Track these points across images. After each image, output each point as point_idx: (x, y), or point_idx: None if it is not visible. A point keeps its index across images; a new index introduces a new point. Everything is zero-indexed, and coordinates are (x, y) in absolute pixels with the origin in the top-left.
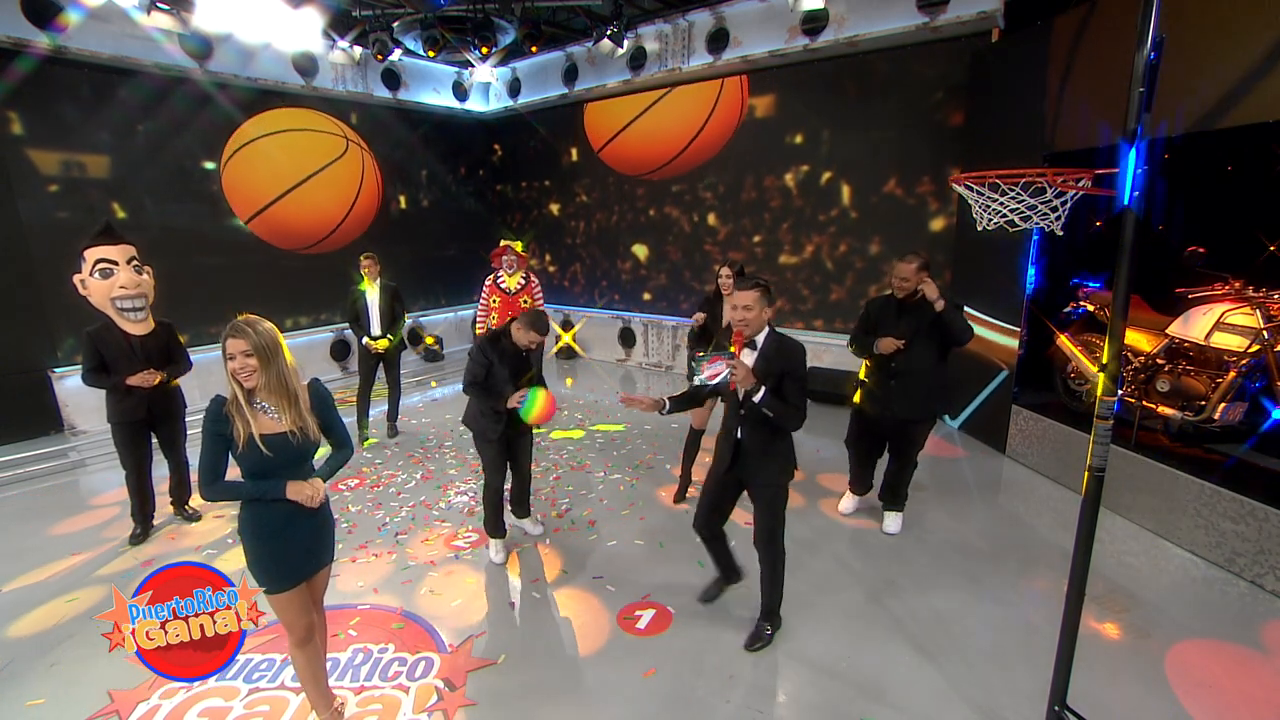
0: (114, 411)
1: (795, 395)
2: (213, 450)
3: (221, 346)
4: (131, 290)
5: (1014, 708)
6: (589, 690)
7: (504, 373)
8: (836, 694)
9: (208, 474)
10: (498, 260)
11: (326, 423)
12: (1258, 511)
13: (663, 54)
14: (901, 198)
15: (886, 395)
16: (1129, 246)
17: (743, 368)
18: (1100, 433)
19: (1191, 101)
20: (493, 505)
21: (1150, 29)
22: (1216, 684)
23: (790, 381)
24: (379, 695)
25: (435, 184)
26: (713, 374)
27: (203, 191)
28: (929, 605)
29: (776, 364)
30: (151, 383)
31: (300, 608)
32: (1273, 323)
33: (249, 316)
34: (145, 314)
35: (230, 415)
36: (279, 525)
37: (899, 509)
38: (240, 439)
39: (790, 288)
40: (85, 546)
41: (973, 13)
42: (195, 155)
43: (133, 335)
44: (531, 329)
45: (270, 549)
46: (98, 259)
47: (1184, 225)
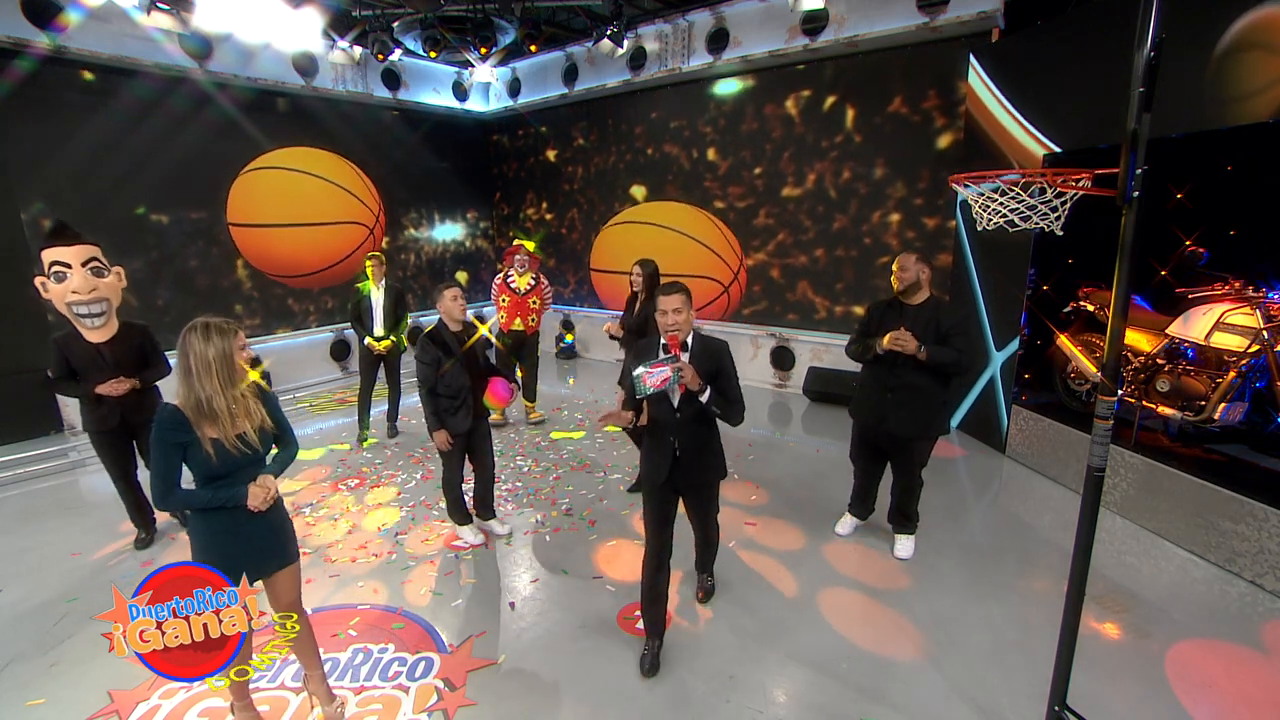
0: (88, 420)
1: (733, 389)
2: (167, 459)
3: (224, 348)
4: (85, 295)
5: (1014, 708)
6: (590, 690)
7: (457, 366)
8: (836, 694)
9: (162, 484)
10: (510, 259)
11: (274, 418)
12: (1257, 511)
13: (663, 54)
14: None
15: (882, 408)
16: (1128, 246)
17: (689, 369)
18: (1100, 432)
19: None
20: (452, 497)
21: (1150, 29)
22: (1216, 684)
23: (724, 378)
24: (379, 695)
25: (436, 182)
26: (659, 380)
27: (203, 193)
28: (928, 605)
29: (707, 363)
30: (120, 391)
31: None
32: (1272, 323)
33: (219, 319)
34: (105, 319)
35: (191, 422)
36: (232, 524)
37: (910, 532)
38: (205, 443)
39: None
40: (85, 547)
41: (972, 13)
42: (196, 155)
43: (94, 342)
44: (445, 291)
45: (220, 548)
46: (51, 261)
47: (1184, 224)
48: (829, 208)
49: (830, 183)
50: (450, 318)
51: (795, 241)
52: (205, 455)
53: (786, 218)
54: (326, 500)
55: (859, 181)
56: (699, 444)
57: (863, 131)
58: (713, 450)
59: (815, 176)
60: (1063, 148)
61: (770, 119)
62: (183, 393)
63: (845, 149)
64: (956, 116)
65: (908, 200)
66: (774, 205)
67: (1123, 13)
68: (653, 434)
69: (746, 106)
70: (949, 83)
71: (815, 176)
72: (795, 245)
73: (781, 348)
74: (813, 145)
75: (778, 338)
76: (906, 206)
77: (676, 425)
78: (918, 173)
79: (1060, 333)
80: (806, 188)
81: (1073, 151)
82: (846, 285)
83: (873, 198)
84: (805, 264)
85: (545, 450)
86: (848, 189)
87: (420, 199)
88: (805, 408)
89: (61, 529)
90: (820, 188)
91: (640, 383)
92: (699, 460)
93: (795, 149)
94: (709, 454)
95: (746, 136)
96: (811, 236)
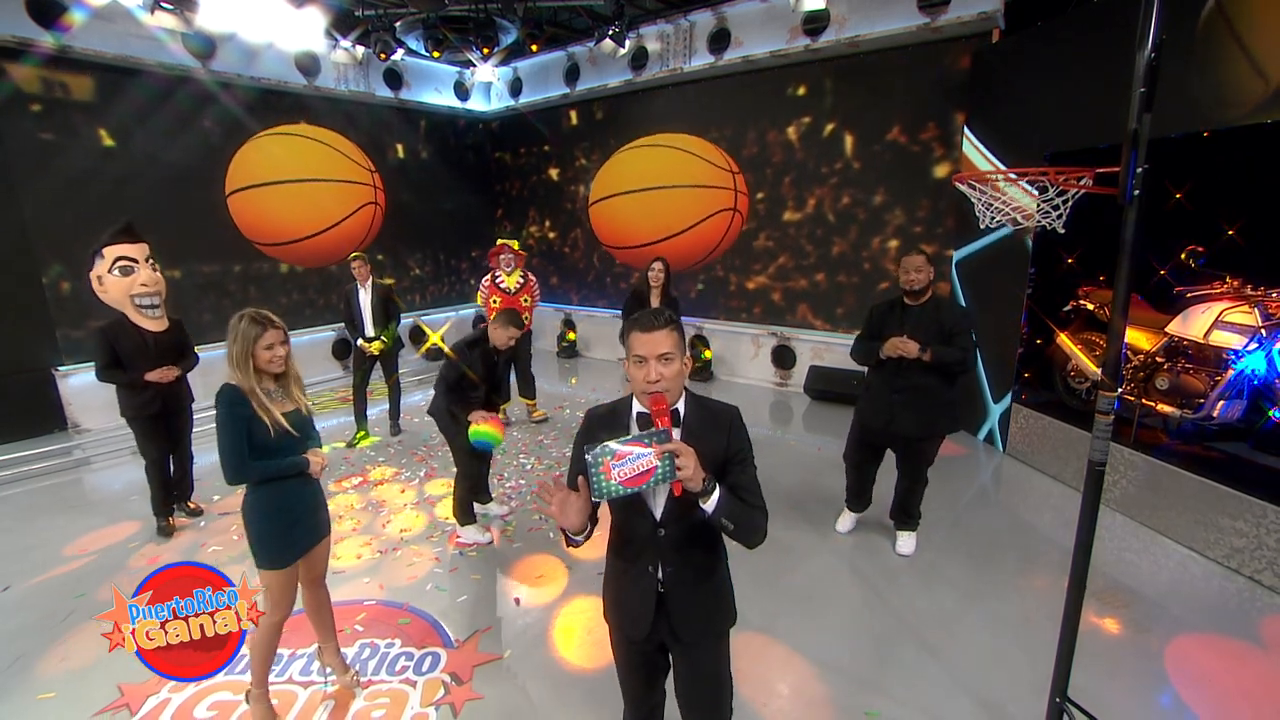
0: (128, 407)
1: (752, 489)
2: (236, 434)
3: (247, 338)
4: (151, 288)
5: (1016, 701)
6: (595, 684)
7: (480, 371)
8: (840, 688)
9: (236, 458)
10: (495, 260)
11: None
12: (1255, 508)
13: (664, 54)
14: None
15: (890, 410)
16: (1129, 245)
17: (691, 456)
18: (1100, 427)
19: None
20: (465, 497)
21: (1151, 30)
22: (1215, 678)
23: (741, 468)
24: (386, 689)
25: (435, 182)
26: (634, 476)
27: (206, 193)
28: (931, 601)
29: (713, 444)
30: (170, 377)
31: (294, 584)
32: (1271, 321)
33: (261, 311)
34: (162, 310)
35: (248, 401)
36: (287, 502)
37: (912, 529)
38: (268, 423)
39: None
40: (90, 544)
41: (973, 13)
42: (199, 155)
43: (149, 331)
44: (510, 325)
45: (280, 527)
46: (118, 256)
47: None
48: (828, 231)
49: (829, 208)
50: (495, 342)
51: (796, 265)
52: (260, 430)
53: (787, 241)
54: (330, 498)
55: (858, 207)
56: (694, 577)
57: (862, 158)
58: (717, 581)
59: (815, 201)
60: (1062, 148)
61: (772, 145)
62: (229, 373)
63: (845, 175)
64: (953, 147)
65: (906, 228)
66: (774, 229)
67: (1122, 13)
68: (622, 557)
69: (748, 132)
70: (947, 116)
71: (815, 201)
72: (796, 269)
73: (782, 347)
74: (813, 171)
75: (779, 336)
76: (905, 234)
77: (662, 546)
78: (916, 200)
79: (1060, 331)
80: (806, 212)
81: (1073, 151)
82: (847, 310)
83: (871, 224)
84: (805, 287)
85: (548, 448)
86: (846, 214)
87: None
88: (806, 406)
89: (66, 526)
90: (820, 212)
91: (601, 477)
92: (697, 600)
93: (796, 174)
94: (712, 589)
95: (748, 160)
96: (812, 261)
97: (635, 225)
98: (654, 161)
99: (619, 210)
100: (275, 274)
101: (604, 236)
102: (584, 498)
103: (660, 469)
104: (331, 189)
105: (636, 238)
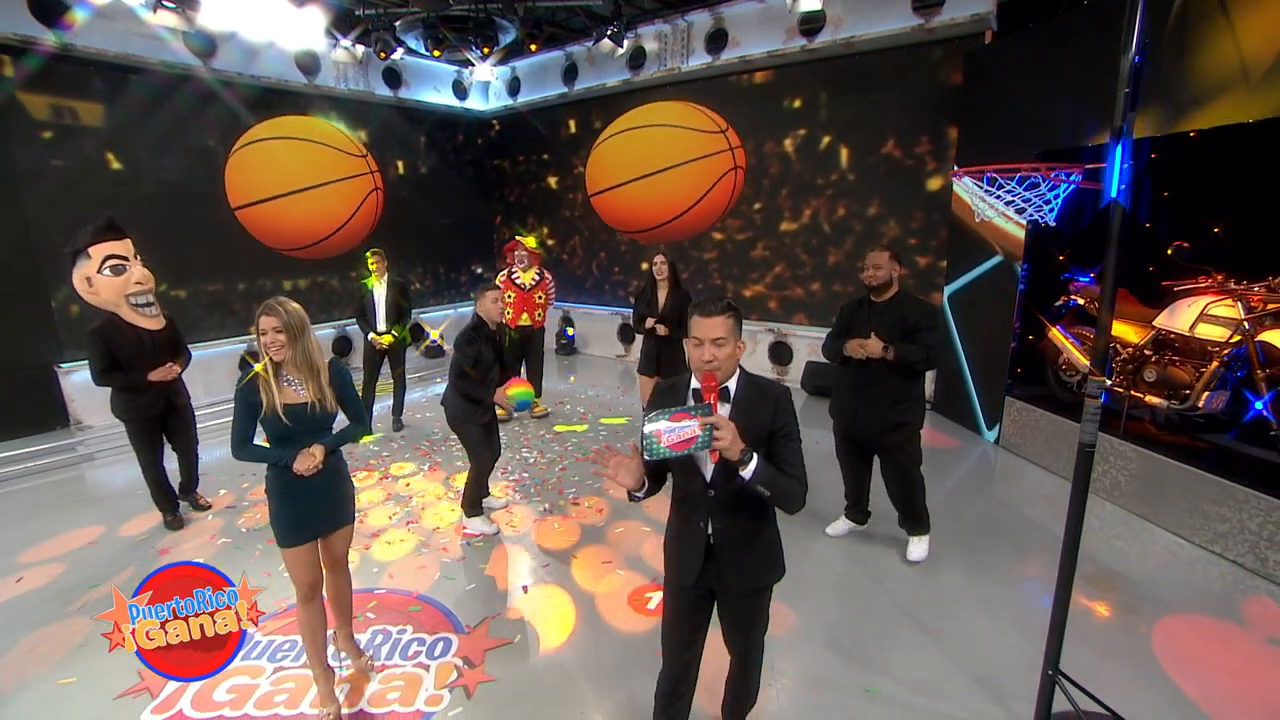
0: (127, 409)
1: (794, 461)
2: (239, 414)
3: (255, 323)
4: (146, 285)
5: (1010, 678)
6: (603, 667)
7: (489, 356)
8: (840, 668)
9: (236, 437)
10: (510, 255)
11: (342, 398)
12: (1238, 494)
13: (662, 54)
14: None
15: (855, 407)
16: (1116, 239)
17: (729, 429)
18: (1090, 411)
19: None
20: (476, 491)
21: (1135, 33)
22: (1200, 657)
23: (784, 442)
24: (400, 673)
25: (435, 182)
26: (680, 440)
27: (207, 190)
28: (928, 587)
29: (758, 418)
30: (172, 375)
31: (306, 565)
32: (1253, 314)
33: (280, 298)
34: (158, 308)
35: (258, 385)
36: (298, 485)
37: (922, 533)
38: (265, 407)
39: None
40: (99, 538)
41: (966, 15)
42: (200, 154)
43: (147, 330)
44: (489, 291)
45: (285, 508)
46: (107, 255)
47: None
48: (823, 241)
49: (825, 218)
50: (489, 318)
51: (793, 275)
52: (268, 417)
53: (784, 251)
54: None
55: (853, 218)
56: (741, 534)
57: (857, 171)
58: (760, 545)
59: (811, 212)
60: (1053, 146)
61: (769, 157)
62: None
63: (840, 187)
64: (947, 161)
65: (901, 239)
66: (771, 239)
67: (1112, 15)
68: (679, 513)
69: (745, 143)
70: (940, 130)
71: (811, 212)
72: (793, 278)
73: (779, 342)
74: (809, 182)
75: (776, 332)
76: (900, 245)
77: (711, 505)
78: (910, 213)
79: (1051, 325)
80: (802, 222)
81: (1063, 150)
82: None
83: (867, 234)
84: (802, 296)
85: (550, 443)
86: (842, 225)
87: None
88: (804, 401)
89: (74, 521)
90: (815, 223)
91: (653, 440)
92: (743, 556)
93: (793, 186)
94: (758, 548)
95: (746, 168)
96: (808, 270)
97: (643, 211)
98: (647, 146)
99: (623, 199)
100: (278, 264)
101: (613, 223)
102: (637, 459)
103: (701, 438)
104: (334, 190)
105: (648, 221)
